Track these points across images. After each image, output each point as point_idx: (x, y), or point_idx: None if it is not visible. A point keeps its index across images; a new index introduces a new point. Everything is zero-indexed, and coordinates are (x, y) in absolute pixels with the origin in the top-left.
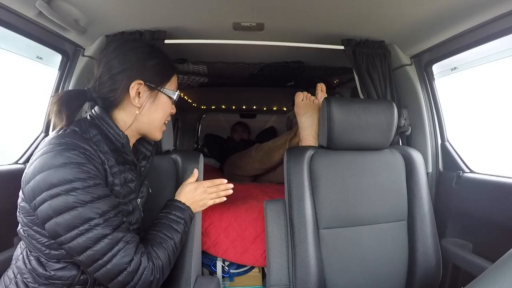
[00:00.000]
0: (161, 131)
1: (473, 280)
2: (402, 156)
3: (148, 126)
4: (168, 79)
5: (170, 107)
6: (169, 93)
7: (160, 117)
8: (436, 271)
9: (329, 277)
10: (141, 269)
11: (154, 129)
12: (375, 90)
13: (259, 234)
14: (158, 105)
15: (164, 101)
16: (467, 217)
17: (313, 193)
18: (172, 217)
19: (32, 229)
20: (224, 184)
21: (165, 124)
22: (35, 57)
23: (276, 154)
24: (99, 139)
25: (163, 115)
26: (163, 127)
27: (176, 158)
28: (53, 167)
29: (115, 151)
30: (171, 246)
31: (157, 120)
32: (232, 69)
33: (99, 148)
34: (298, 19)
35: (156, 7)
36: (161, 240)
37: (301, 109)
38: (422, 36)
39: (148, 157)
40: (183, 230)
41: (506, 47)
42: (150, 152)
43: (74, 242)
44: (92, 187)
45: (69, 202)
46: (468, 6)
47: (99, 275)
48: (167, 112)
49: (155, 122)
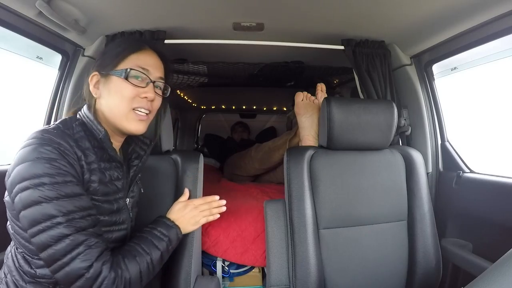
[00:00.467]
0: (131, 120)
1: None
2: (402, 156)
3: (110, 115)
4: (121, 59)
5: (126, 88)
6: (118, 73)
7: (118, 102)
8: (436, 271)
9: (329, 277)
10: (101, 278)
11: (117, 118)
12: (375, 90)
13: (259, 234)
14: (110, 89)
15: (115, 83)
16: (467, 217)
17: (313, 193)
18: (156, 232)
19: (16, 224)
20: (217, 201)
21: (137, 111)
22: (35, 57)
23: (276, 154)
24: (82, 136)
25: (121, 99)
26: (132, 114)
27: (176, 158)
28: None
29: (100, 148)
30: (146, 262)
31: (116, 106)
32: (232, 69)
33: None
34: (298, 19)
35: (156, 7)
36: (136, 253)
37: (301, 109)
38: (422, 36)
39: (142, 156)
40: (165, 248)
41: (506, 47)
42: (144, 151)
43: (37, 238)
44: (60, 184)
45: (35, 196)
46: (468, 6)
47: (59, 277)
48: (124, 94)
49: (114, 110)
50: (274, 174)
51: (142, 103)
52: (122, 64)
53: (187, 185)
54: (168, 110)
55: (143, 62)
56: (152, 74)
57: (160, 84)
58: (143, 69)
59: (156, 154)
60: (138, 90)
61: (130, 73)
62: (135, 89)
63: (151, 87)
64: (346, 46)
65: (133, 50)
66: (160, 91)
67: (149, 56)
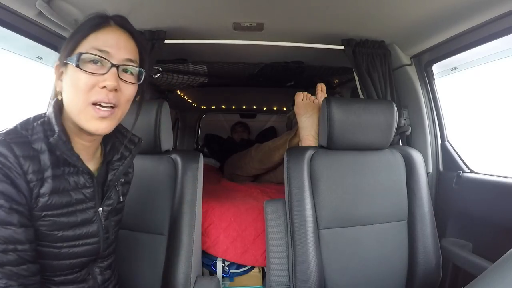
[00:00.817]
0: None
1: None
2: (402, 156)
3: (68, 111)
4: (77, 42)
5: (81, 78)
6: (71, 60)
7: (73, 96)
8: (436, 271)
9: (329, 277)
10: None
11: (75, 116)
12: (375, 90)
13: (259, 234)
14: (67, 81)
15: (71, 72)
16: (467, 217)
17: (313, 193)
18: None
19: None
20: None
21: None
22: (35, 57)
23: (276, 154)
24: (39, 137)
25: (76, 92)
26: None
27: (175, 158)
28: None
29: None
30: None
31: (71, 101)
32: (232, 69)
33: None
34: (298, 19)
35: (156, 7)
36: None
37: (301, 109)
38: (422, 36)
39: (125, 157)
40: None
41: (506, 47)
42: (130, 151)
43: None
44: None
45: None
46: (468, 6)
47: None
48: (79, 85)
49: (70, 105)
50: (274, 174)
51: (101, 94)
52: (78, 49)
53: (187, 185)
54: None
55: (102, 43)
56: (114, 57)
57: (131, 69)
58: (100, 51)
59: (156, 153)
60: (96, 78)
61: (82, 58)
62: (92, 78)
63: (113, 73)
64: (346, 46)
65: (91, 30)
66: (131, 77)
67: (111, 34)
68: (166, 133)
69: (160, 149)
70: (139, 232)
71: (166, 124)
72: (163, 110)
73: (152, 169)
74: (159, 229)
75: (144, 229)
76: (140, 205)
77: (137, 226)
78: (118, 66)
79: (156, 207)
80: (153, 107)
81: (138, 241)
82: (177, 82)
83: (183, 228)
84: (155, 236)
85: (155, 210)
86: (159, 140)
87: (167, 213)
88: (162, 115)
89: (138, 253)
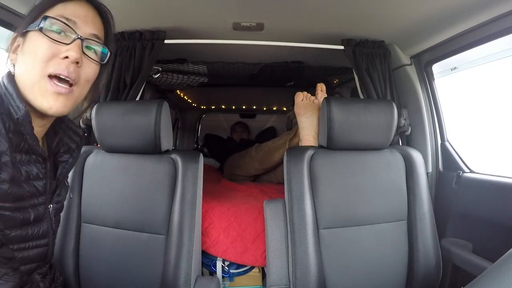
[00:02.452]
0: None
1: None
2: (402, 156)
3: (20, 84)
4: (42, 10)
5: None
6: (32, 26)
7: (29, 65)
8: (436, 271)
9: (329, 277)
10: None
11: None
12: (375, 90)
13: (259, 234)
14: (24, 50)
15: (31, 39)
16: (467, 217)
17: (313, 193)
18: None
19: None
20: None
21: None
22: None
23: (276, 154)
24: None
25: (33, 60)
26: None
27: (175, 158)
28: None
29: (17, 133)
30: None
31: (26, 71)
32: (232, 69)
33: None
34: (298, 19)
35: (156, 7)
36: None
37: (301, 109)
38: (422, 36)
39: (73, 150)
40: None
41: (506, 47)
42: (76, 144)
43: None
44: None
45: None
46: (468, 6)
47: None
48: (38, 53)
49: (24, 77)
50: (274, 174)
51: (60, 66)
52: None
53: (187, 185)
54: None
55: (71, 12)
56: (80, 29)
57: (95, 46)
58: (67, 20)
59: (155, 153)
60: (58, 47)
61: (48, 23)
62: (53, 46)
63: (77, 44)
64: (346, 46)
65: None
66: (94, 55)
67: (80, 6)
68: (166, 133)
69: (160, 149)
70: (139, 232)
71: (166, 124)
72: (163, 110)
73: (152, 169)
74: (159, 229)
75: (143, 229)
76: (140, 205)
77: (137, 226)
78: (84, 39)
79: (156, 207)
80: (153, 107)
81: (138, 241)
82: (177, 82)
83: (183, 228)
84: (155, 236)
85: (154, 210)
86: (159, 140)
87: (167, 213)
88: (162, 115)
89: (137, 253)
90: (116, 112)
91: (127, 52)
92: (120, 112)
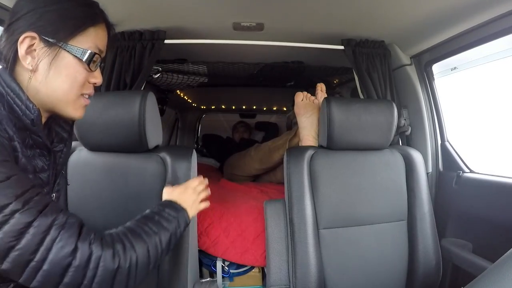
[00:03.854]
0: (78, 107)
1: (473, 280)
2: (402, 156)
3: (51, 98)
4: (78, 30)
5: (81, 73)
6: (75, 51)
7: (67, 87)
8: (436, 271)
9: (329, 277)
10: (93, 260)
11: (62, 104)
12: (375, 90)
13: (259, 234)
14: (61, 68)
15: (69, 63)
16: (467, 217)
17: (313, 193)
18: (164, 214)
19: None
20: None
21: (84, 97)
22: None
23: (276, 154)
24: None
25: (72, 84)
26: (80, 100)
27: (164, 156)
28: None
29: (22, 130)
30: (155, 242)
31: (62, 90)
32: (232, 69)
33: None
34: (298, 19)
35: (156, 7)
36: (142, 232)
37: (301, 109)
38: (422, 36)
39: (65, 139)
40: (174, 231)
41: (506, 47)
42: (68, 132)
43: None
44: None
45: None
46: (468, 6)
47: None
48: (78, 79)
49: (58, 93)
50: (274, 174)
51: (91, 89)
52: (81, 38)
53: None
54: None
55: (101, 42)
56: (102, 55)
57: None
58: (100, 51)
59: (142, 152)
60: (89, 74)
61: (94, 58)
62: (89, 74)
63: (99, 70)
64: (346, 46)
65: (92, 23)
66: None
67: (104, 33)
68: (153, 128)
69: (147, 146)
70: None
71: (152, 117)
72: (148, 102)
73: (139, 170)
74: None
75: None
76: (129, 210)
77: None
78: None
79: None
80: (135, 99)
81: None
82: (177, 82)
83: None
84: None
85: None
86: (144, 136)
87: None
88: (147, 108)
89: None
90: (95, 106)
91: (127, 52)
92: (99, 107)
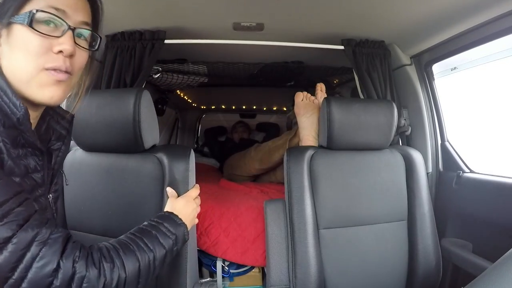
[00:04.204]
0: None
1: (473, 280)
2: (402, 156)
3: (14, 80)
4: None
5: (31, 41)
6: (21, 19)
7: (22, 61)
8: (436, 271)
9: (329, 277)
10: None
11: (23, 84)
12: (375, 90)
13: (259, 234)
14: (12, 44)
15: (19, 34)
16: (467, 217)
17: (313, 193)
18: (163, 228)
19: None
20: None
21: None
22: None
23: (276, 154)
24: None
25: (25, 56)
26: (42, 76)
27: (161, 157)
28: None
29: (11, 128)
30: (148, 260)
31: (19, 69)
32: (232, 69)
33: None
34: (298, 19)
35: (156, 7)
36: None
37: (301, 109)
38: (422, 36)
39: (64, 136)
40: (170, 247)
41: (506, 47)
42: (66, 130)
43: None
44: None
45: None
46: (468, 6)
47: None
48: (30, 49)
49: (18, 72)
50: (274, 174)
51: (58, 61)
52: (28, 6)
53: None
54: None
55: (58, 1)
56: (71, 18)
57: (85, 33)
58: (56, 10)
59: (137, 152)
60: (50, 41)
61: (37, 17)
62: (46, 41)
63: (69, 36)
64: (346, 46)
65: None
66: (84, 43)
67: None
68: (149, 127)
69: (143, 146)
70: None
71: (148, 116)
72: (142, 100)
73: (135, 171)
74: None
75: None
76: (127, 212)
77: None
78: (74, 29)
79: (143, 214)
80: (129, 97)
81: None
82: (177, 82)
83: None
84: None
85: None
86: (140, 136)
87: None
88: (142, 106)
89: None
90: (90, 105)
91: (127, 52)
92: (93, 105)
